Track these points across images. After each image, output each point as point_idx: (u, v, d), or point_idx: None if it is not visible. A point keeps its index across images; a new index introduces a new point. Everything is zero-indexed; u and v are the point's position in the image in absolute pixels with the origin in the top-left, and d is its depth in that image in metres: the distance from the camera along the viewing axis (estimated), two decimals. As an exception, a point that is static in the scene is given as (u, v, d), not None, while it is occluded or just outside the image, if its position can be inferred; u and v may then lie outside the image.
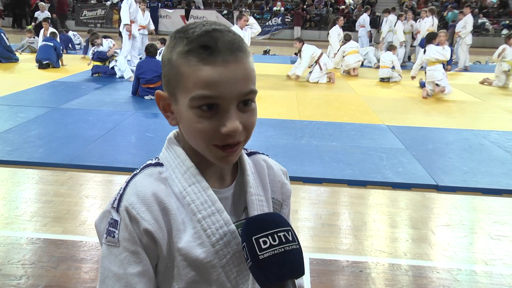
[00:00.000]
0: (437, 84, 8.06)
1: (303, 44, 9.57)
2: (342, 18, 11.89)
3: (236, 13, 22.29)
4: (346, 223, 3.41)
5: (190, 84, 0.77)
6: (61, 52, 10.34)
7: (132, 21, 9.51)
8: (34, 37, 12.25)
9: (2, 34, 10.44)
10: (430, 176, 4.24)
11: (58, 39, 10.60)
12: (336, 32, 11.55)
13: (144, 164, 0.89)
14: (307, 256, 2.79)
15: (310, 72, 9.47)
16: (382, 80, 9.63)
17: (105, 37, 9.92)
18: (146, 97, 7.07)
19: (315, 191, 3.95)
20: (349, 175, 4.22)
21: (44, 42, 10.13)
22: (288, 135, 5.41)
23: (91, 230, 3.11)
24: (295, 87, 8.68)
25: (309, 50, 9.48)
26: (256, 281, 0.76)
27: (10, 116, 5.71)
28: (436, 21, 12.12)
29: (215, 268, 0.84)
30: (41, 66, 9.61)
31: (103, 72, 8.94)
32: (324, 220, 3.41)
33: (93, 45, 9.52)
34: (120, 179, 4.04)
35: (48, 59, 9.69)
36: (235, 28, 8.28)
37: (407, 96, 8.26)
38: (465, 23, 11.87)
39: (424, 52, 8.29)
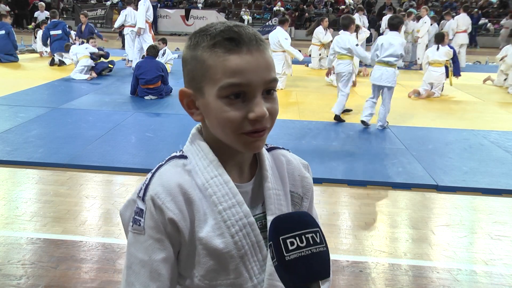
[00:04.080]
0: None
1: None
2: (326, 19, 10.70)
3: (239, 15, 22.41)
4: (346, 223, 3.41)
5: (218, 74, 0.81)
6: (68, 30, 10.82)
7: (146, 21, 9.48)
8: (35, 38, 12.23)
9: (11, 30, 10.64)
10: (430, 176, 4.24)
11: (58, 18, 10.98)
12: (321, 33, 10.51)
13: (169, 156, 0.92)
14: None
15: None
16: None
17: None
18: (146, 97, 7.07)
19: (315, 191, 3.92)
20: (349, 175, 4.22)
21: (53, 32, 10.38)
22: (288, 135, 5.41)
23: (91, 230, 3.11)
24: (295, 87, 8.67)
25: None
26: (280, 280, 0.76)
27: (10, 116, 5.71)
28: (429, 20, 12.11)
29: (233, 258, 0.87)
30: (53, 63, 9.97)
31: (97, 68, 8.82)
32: (324, 220, 3.41)
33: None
34: (120, 179, 4.04)
35: (61, 50, 10.16)
36: (279, 29, 8.22)
37: (407, 96, 8.25)
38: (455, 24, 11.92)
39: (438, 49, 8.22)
